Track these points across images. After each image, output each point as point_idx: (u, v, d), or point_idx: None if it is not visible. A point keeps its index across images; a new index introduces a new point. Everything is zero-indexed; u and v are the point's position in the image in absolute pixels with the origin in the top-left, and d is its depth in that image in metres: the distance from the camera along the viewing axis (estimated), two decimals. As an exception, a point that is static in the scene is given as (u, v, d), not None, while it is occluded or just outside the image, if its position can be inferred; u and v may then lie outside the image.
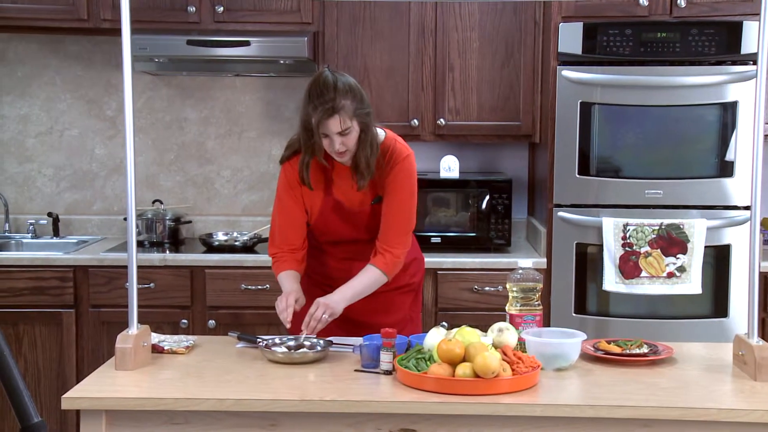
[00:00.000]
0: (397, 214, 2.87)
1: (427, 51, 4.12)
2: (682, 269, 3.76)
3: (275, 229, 2.97)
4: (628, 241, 3.77)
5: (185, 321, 3.95)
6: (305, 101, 2.74)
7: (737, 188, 3.81)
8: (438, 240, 4.08)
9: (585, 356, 2.60)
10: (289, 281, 2.88)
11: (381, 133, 2.89)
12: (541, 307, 2.69)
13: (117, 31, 2.59)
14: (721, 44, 3.76)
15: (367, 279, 2.85)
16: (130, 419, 2.28)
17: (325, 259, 3.01)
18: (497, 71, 4.14)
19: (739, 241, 3.82)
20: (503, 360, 2.31)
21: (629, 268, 3.77)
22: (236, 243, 4.20)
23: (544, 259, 3.92)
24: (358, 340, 2.66)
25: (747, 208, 3.82)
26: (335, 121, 2.70)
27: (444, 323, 3.79)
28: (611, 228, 3.78)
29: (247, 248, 4.17)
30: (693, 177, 3.83)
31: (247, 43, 4.03)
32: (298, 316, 2.78)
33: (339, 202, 2.90)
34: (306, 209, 2.93)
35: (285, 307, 2.75)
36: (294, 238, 2.93)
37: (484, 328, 2.54)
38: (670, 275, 3.77)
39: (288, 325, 2.74)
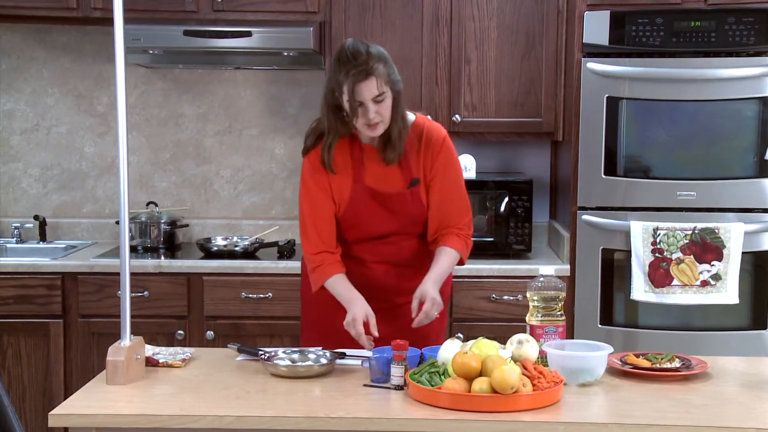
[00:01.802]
0: (456, 192, 2.93)
1: (441, 42, 4.12)
2: (717, 277, 3.75)
3: (308, 226, 2.92)
4: (659, 246, 3.76)
5: (181, 332, 3.96)
6: (335, 70, 2.76)
7: (777, 190, 3.81)
8: (453, 245, 4.07)
9: (611, 371, 2.59)
10: (348, 291, 2.84)
11: (410, 114, 2.92)
12: (564, 317, 2.69)
13: (109, 21, 2.61)
14: (761, 33, 3.75)
15: (447, 260, 2.90)
16: (123, 437, 2.29)
17: (354, 267, 2.92)
18: (517, 64, 4.15)
19: (780, 246, 3.82)
20: (523, 374, 2.31)
21: (660, 275, 3.76)
22: (236, 248, 4.21)
23: (568, 266, 3.92)
24: (367, 353, 2.67)
25: (788, 211, 3.82)
26: (371, 84, 2.71)
27: (459, 335, 3.79)
28: (640, 232, 3.77)
29: (248, 254, 4.17)
30: (729, 177, 3.82)
31: (248, 34, 4.04)
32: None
33: (371, 188, 2.87)
34: (333, 200, 2.90)
35: (359, 333, 2.74)
36: (329, 233, 2.91)
37: (503, 340, 2.54)
38: (704, 284, 3.76)
39: (369, 346, 2.74)
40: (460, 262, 2.97)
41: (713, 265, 3.75)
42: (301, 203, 2.95)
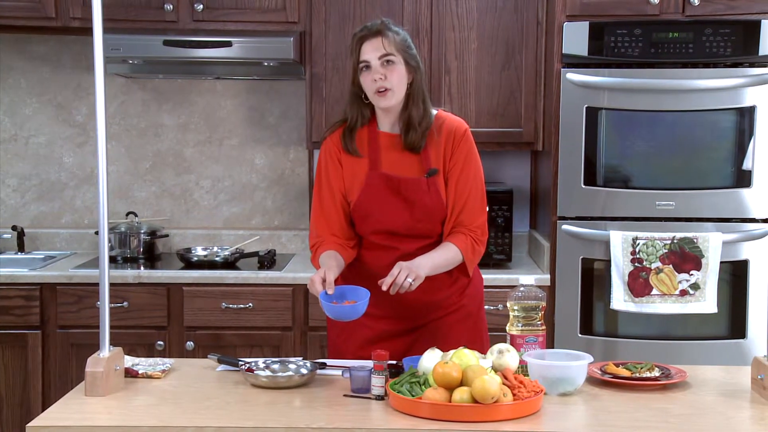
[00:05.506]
0: (473, 189, 2.85)
1: (421, 52, 4.12)
2: (695, 287, 3.78)
3: (313, 216, 2.91)
4: (638, 256, 3.78)
5: (161, 342, 3.95)
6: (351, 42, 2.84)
7: (755, 199, 3.83)
8: (434, 255, 4.08)
9: (591, 380, 2.60)
10: (326, 260, 2.76)
11: (432, 110, 2.92)
12: (544, 327, 2.70)
13: (88, 31, 2.60)
14: (738, 45, 3.79)
15: (446, 253, 2.79)
16: (101, 449, 2.28)
17: (372, 284, 2.79)
18: (497, 74, 4.16)
19: (758, 256, 3.84)
20: (503, 384, 2.31)
21: (639, 285, 3.78)
22: (216, 258, 4.21)
23: (548, 276, 3.93)
24: (348, 363, 2.67)
25: (766, 220, 3.84)
26: (376, 42, 2.75)
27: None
28: (619, 242, 3.79)
29: (229, 264, 4.17)
30: (707, 187, 3.85)
31: (228, 44, 4.04)
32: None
33: (386, 174, 2.83)
34: (345, 191, 2.86)
35: (317, 282, 2.63)
36: (335, 220, 2.86)
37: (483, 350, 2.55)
38: (683, 293, 3.78)
39: (330, 290, 2.62)
40: (463, 268, 2.86)
41: (692, 274, 3.77)
42: (314, 196, 2.94)
